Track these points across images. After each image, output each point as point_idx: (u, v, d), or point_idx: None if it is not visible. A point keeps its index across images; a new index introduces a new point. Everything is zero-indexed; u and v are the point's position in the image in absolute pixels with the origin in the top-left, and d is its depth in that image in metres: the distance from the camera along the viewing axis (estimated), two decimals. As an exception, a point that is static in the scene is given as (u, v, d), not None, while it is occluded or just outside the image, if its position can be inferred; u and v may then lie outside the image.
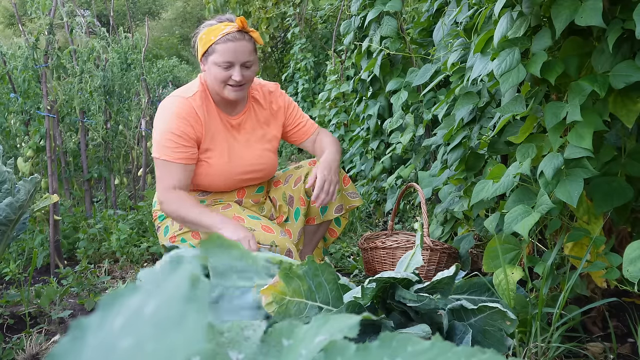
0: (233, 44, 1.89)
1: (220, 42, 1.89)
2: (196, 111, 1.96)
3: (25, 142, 3.54)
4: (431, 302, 1.21)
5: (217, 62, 1.90)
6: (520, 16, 1.53)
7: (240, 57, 1.91)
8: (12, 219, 1.95)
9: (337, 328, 0.48)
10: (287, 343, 0.50)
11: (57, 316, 2.04)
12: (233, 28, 1.90)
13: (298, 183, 2.17)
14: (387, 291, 1.31)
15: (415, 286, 1.28)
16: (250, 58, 1.94)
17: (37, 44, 2.88)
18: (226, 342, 0.55)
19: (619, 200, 1.43)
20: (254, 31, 1.96)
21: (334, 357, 0.42)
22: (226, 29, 1.89)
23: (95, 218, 3.32)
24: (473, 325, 1.26)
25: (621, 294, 1.65)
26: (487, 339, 1.25)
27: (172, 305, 0.31)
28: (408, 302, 1.24)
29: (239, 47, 1.90)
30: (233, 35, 1.89)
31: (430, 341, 0.41)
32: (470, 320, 1.26)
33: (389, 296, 1.30)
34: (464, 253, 2.20)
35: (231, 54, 1.89)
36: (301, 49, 6.79)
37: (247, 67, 1.95)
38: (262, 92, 2.15)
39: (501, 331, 1.22)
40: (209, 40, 1.90)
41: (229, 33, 1.89)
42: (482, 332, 1.25)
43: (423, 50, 2.92)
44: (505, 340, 1.23)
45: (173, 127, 1.92)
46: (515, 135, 1.66)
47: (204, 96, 2.01)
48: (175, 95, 2.00)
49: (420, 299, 1.21)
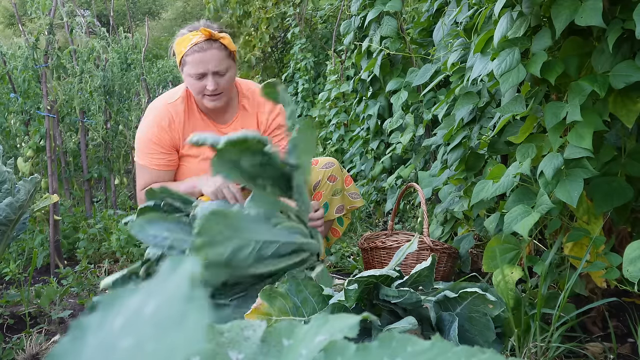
0: (200, 54, 1.85)
1: (189, 53, 1.86)
2: (174, 118, 1.96)
3: (25, 142, 3.54)
4: (412, 296, 1.24)
5: (190, 73, 1.88)
6: (520, 16, 1.53)
7: (211, 66, 1.86)
8: (12, 219, 1.95)
9: (337, 328, 0.48)
10: (287, 343, 0.50)
11: (57, 316, 2.04)
12: (200, 37, 1.85)
13: None
14: (372, 291, 1.33)
15: (396, 282, 1.31)
16: (221, 66, 1.88)
17: (37, 44, 2.88)
18: (226, 342, 0.55)
19: (619, 200, 1.43)
20: (224, 37, 1.90)
21: (334, 357, 0.42)
22: (194, 39, 1.85)
23: (95, 218, 3.32)
24: (459, 314, 1.29)
25: (621, 294, 1.65)
26: (473, 325, 1.28)
27: (172, 305, 0.31)
28: (392, 299, 1.26)
29: (208, 57, 1.85)
30: (200, 46, 1.85)
31: (430, 341, 0.41)
32: (457, 310, 1.30)
33: (374, 296, 1.32)
34: (464, 253, 2.21)
35: (201, 65, 1.85)
36: (301, 49, 6.79)
37: (221, 75, 1.90)
38: (250, 100, 2.11)
39: (486, 315, 1.25)
40: (180, 51, 1.88)
41: (196, 43, 1.85)
42: (469, 319, 1.28)
43: (423, 50, 2.92)
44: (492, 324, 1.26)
45: (150, 134, 1.95)
46: (515, 135, 1.66)
47: (187, 102, 2.00)
48: (159, 99, 2.03)
49: (401, 293, 1.24)
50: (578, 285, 1.56)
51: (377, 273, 1.25)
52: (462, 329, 1.29)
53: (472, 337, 1.28)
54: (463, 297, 1.28)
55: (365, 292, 1.34)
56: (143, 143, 1.97)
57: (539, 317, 1.43)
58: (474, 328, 1.28)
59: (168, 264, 0.36)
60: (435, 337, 0.43)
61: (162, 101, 2.00)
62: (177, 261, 0.35)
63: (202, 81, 1.89)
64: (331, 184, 2.18)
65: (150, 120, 1.96)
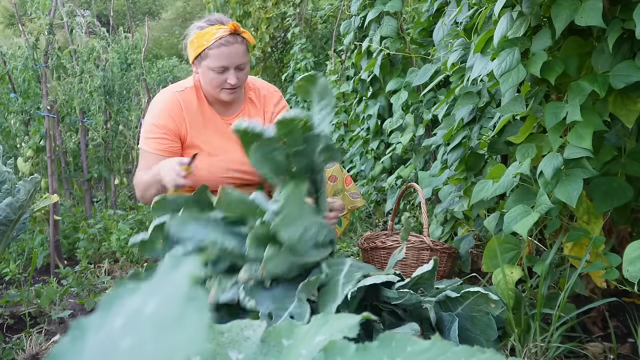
0: (227, 48, 1.86)
1: (213, 47, 1.86)
2: (181, 105, 1.97)
3: (25, 142, 3.54)
4: (412, 297, 1.24)
5: (212, 67, 1.89)
6: (520, 16, 1.53)
7: (235, 60, 1.89)
8: (12, 219, 1.95)
9: (337, 328, 0.48)
10: (287, 343, 0.50)
11: (57, 316, 2.04)
12: (225, 32, 1.86)
13: None
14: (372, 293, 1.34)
15: (397, 284, 1.31)
16: (243, 60, 1.91)
17: (37, 44, 2.88)
18: (226, 342, 0.55)
19: (619, 200, 1.43)
20: (246, 32, 1.93)
21: (334, 357, 0.42)
22: (218, 33, 1.86)
23: (95, 218, 3.32)
24: (460, 314, 1.29)
25: (621, 294, 1.65)
26: (475, 325, 1.28)
27: (172, 305, 0.31)
28: (392, 301, 1.26)
29: (232, 51, 1.87)
30: (226, 40, 1.86)
31: (430, 341, 0.41)
32: (457, 310, 1.30)
33: (375, 298, 1.33)
34: (464, 253, 2.21)
35: (225, 59, 1.87)
36: (301, 49, 6.79)
37: (241, 69, 1.93)
38: (256, 94, 2.14)
39: (488, 315, 1.26)
40: (201, 45, 1.88)
41: (221, 37, 1.86)
42: (470, 319, 1.28)
43: (423, 50, 2.92)
44: (494, 323, 1.26)
45: (156, 120, 1.96)
46: (515, 135, 1.66)
47: (196, 93, 2.02)
48: (167, 89, 2.05)
49: (401, 295, 1.25)
50: (578, 285, 1.56)
51: (378, 281, 1.25)
52: (464, 329, 1.29)
53: (474, 337, 1.28)
54: (465, 296, 1.28)
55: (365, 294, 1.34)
56: (147, 127, 1.99)
57: (539, 317, 1.43)
58: (476, 327, 1.28)
59: (168, 264, 0.36)
60: (435, 337, 0.43)
61: (171, 90, 2.03)
62: (177, 261, 0.35)
63: (223, 75, 1.90)
64: (332, 184, 2.19)
65: (157, 106, 1.99)
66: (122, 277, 2.70)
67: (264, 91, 2.14)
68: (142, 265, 2.89)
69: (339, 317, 0.50)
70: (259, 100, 2.13)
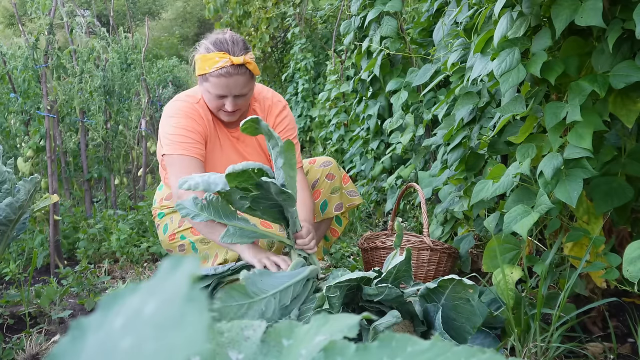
0: (226, 79, 1.83)
1: (213, 75, 1.83)
2: (201, 113, 1.97)
3: (25, 142, 3.54)
4: (392, 291, 1.27)
5: (210, 91, 1.87)
6: (520, 16, 1.53)
7: (234, 91, 1.86)
8: (12, 219, 1.95)
9: (337, 328, 0.48)
10: (287, 343, 0.50)
11: (57, 316, 2.04)
12: (227, 62, 1.81)
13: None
14: (356, 294, 1.36)
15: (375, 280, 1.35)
16: (243, 91, 1.88)
17: (37, 44, 2.88)
18: (226, 342, 0.55)
19: (619, 200, 1.43)
20: (251, 62, 1.87)
21: (334, 357, 0.42)
22: (220, 63, 1.81)
23: (95, 218, 3.33)
24: (444, 305, 1.33)
25: (621, 294, 1.65)
26: (459, 313, 1.32)
27: (172, 305, 0.31)
28: (373, 298, 1.28)
29: (231, 82, 1.84)
30: (227, 71, 1.82)
31: (430, 341, 0.41)
32: (442, 301, 1.33)
33: (359, 298, 1.35)
34: (464, 253, 2.21)
35: (223, 89, 1.85)
36: (301, 49, 6.79)
37: (242, 96, 1.90)
38: (261, 105, 2.12)
39: (469, 302, 1.29)
40: (203, 69, 1.85)
41: (222, 67, 1.81)
42: (454, 308, 1.32)
43: (423, 50, 2.92)
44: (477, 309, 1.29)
45: (186, 125, 1.92)
46: (515, 135, 1.66)
47: (205, 105, 2.02)
48: (182, 99, 2.00)
49: (380, 290, 1.27)
50: (578, 285, 1.56)
51: (354, 276, 1.29)
52: (449, 319, 1.33)
53: (460, 325, 1.32)
54: (443, 285, 1.31)
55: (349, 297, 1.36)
56: (180, 132, 1.90)
57: (539, 317, 1.43)
58: (461, 315, 1.31)
59: (168, 264, 0.36)
60: (435, 337, 0.43)
61: (186, 97, 1.99)
62: (176, 261, 0.35)
63: (221, 100, 1.89)
64: (329, 182, 2.19)
65: (183, 113, 1.94)
66: (122, 277, 2.70)
67: (269, 102, 2.13)
68: (142, 265, 2.89)
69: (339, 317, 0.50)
70: (263, 111, 2.12)
